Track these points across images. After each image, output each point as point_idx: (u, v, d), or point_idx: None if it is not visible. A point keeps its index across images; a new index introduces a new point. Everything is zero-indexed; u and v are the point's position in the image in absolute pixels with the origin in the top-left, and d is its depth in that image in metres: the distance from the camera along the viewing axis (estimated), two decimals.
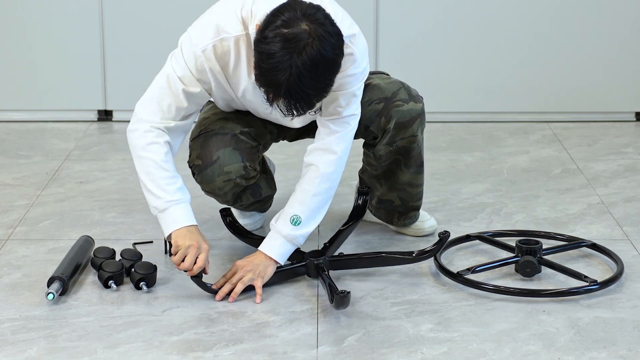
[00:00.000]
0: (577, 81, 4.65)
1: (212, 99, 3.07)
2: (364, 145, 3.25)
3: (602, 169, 4.05)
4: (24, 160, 4.15)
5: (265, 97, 2.73)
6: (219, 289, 2.95)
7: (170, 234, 2.92)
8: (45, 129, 4.58)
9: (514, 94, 4.67)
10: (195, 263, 2.89)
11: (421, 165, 3.27)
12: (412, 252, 3.08)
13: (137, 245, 3.28)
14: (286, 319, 2.83)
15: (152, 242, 3.32)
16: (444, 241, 3.06)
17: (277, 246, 2.99)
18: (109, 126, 4.64)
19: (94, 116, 4.69)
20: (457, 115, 4.68)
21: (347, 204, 3.61)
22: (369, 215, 3.47)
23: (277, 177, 3.59)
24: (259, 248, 3.01)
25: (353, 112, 3.00)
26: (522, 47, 4.61)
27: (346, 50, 2.80)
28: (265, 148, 3.22)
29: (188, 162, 3.14)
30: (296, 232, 2.99)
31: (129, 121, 4.75)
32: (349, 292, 2.82)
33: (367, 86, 3.15)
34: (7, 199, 3.72)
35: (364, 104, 3.12)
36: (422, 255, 3.07)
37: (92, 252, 3.12)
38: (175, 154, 3.01)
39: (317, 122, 3.05)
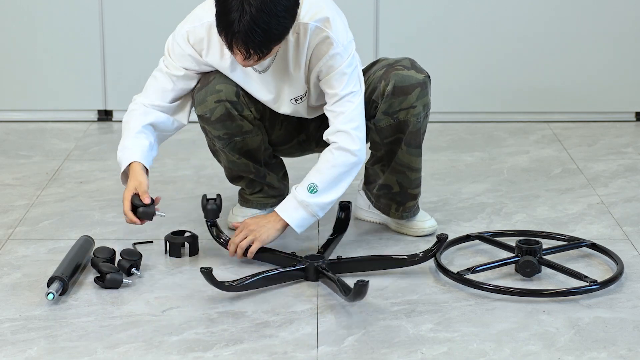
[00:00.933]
0: (577, 81, 4.65)
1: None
2: (369, 120, 3.25)
3: (602, 169, 4.05)
4: (24, 160, 4.15)
5: (226, 45, 2.84)
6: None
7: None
8: (45, 129, 4.58)
9: (514, 94, 4.67)
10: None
11: (419, 147, 3.25)
12: (415, 255, 3.08)
13: (137, 245, 3.28)
14: (286, 319, 2.83)
15: (152, 242, 3.32)
16: (443, 242, 3.06)
17: (290, 209, 3.05)
18: (109, 126, 4.64)
19: (94, 116, 4.69)
20: (457, 115, 4.69)
21: None
22: (368, 215, 3.48)
23: None
24: (274, 209, 3.09)
25: (351, 89, 3.06)
26: (522, 47, 4.61)
27: (321, 34, 2.98)
28: (263, 118, 3.26)
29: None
30: (311, 200, 3.03)
31: None
32: (368, 281, 2.80)
33: (377, 61, 3.26)
34: (7, 199, 3.72)
35: (369, 75, 3.20)
36: (425, 257, 3.07)
37: (92, 252, 3.12)
38: (166, 133, 3.19)
39: (325, 113, 3.11)
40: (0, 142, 4.40)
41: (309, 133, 3.36)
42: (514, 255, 3.11)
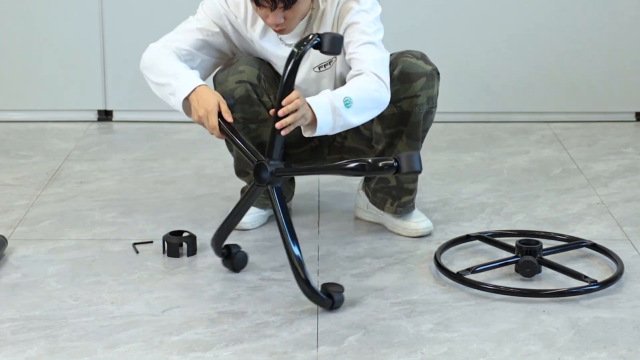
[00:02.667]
0: (577, 81, 4.65)
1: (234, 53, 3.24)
2: None
3: (602, 169, 4.05)
4: (24, 160, 4.15)
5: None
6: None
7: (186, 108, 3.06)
8: (45, 129, 4.58)
9: (514, 94, 4.67)
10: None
11: (418, 140, 3.25)
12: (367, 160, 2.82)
13: (137, 245, 3.28)
14: (286, 319, 2.83)
15: (152, 242, 3.32)
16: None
17: (323, 110, 2.88)
18: (109, 126, 4.64)
19: (94, 116, 4.69)
20: (457, 115, 4.68)
21: (348, 204, 3.62)
22: (367, 215, 3.48)
23: None
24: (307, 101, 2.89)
25: (379, 39, 3.06)
26: (522, 47, 4.61)
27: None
28: None
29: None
30: (343, 112, 2.89)
31: (129, 121, 4.78)
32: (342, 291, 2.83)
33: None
34: (7, 199, 3.72)
35: None
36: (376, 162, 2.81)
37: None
38: None
39: (349, 60, 3.05)
40: (0, 142, 4.41)
41: (322, 138, 3.35)
42: (514, 255, 3.11)
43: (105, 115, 4.69)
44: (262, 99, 3.17)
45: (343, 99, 2.90)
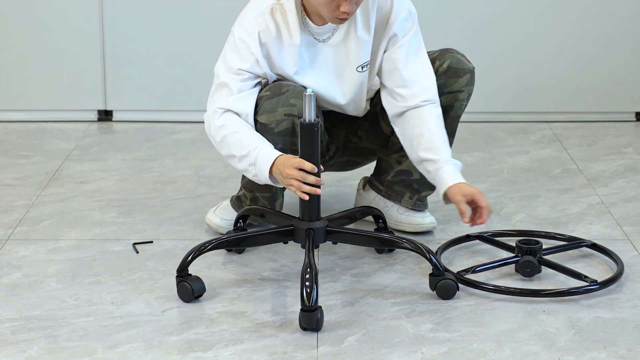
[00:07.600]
0: (577, 81, 4.65)
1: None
2: None
3: (602, 169, 4.05)
4: (24, 160, 4.15)
5: None
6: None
7: (272, 177, 2.96)
8: (45, 129, 4.58)
9: (514, 94, 4.67)
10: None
11: (453, 135, 3.30)
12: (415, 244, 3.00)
13: (137, 245, 3.28)
14: (286, 319, 2.83)
15: (152, 242, 3.32)
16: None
17: (458, 176, 3.05)
18: (109, 126, 4.64)
19: (94, 116, 4.69)
20: None
21: (348, 204, 3.61)
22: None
23: None
24: (452, 183, 3.00)
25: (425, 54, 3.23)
26: (522, 46, 4.61)
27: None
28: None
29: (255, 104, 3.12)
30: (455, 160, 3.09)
31: (129, 121, 4.78)
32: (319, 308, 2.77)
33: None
34: (7, 199, 3.72)
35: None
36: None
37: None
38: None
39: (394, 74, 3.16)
40: (0, 142, 4.41)
41: (333, 137, 3.35)
42: (514, 255, 3.11)
43: (105, 115, 4.69)
44: None
45: (451, 156, 3.10)
